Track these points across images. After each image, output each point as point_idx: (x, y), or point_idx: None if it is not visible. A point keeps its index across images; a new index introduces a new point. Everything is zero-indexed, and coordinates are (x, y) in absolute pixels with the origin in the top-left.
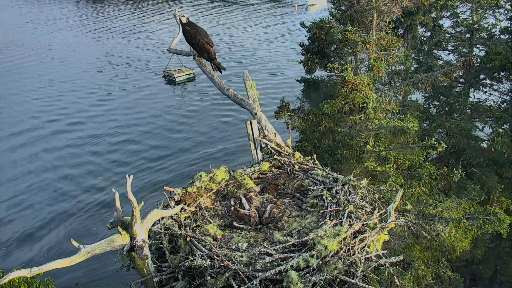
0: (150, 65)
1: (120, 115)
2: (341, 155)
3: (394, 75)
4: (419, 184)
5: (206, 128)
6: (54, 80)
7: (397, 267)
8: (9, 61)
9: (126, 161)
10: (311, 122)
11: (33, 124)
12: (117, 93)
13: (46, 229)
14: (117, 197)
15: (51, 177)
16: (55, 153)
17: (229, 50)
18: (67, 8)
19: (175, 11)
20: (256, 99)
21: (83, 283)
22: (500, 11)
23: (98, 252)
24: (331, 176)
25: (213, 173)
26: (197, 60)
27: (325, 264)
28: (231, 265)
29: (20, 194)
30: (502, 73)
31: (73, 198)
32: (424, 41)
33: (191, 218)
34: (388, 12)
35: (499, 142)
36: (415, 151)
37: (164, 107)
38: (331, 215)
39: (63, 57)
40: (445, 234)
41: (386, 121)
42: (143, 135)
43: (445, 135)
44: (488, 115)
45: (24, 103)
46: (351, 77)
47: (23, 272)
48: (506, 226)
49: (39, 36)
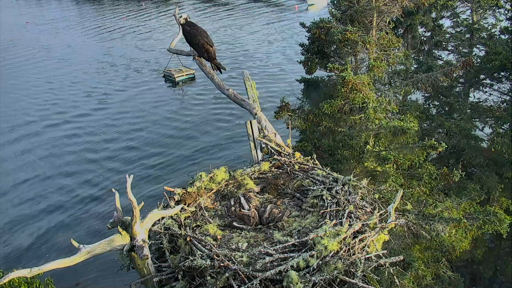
0: (150, 65)
1: (120, 115)
2: (341, 155)
3: (394, 75)
4: (419, 184)
5: (206, 128)
6: (54, 79)
7: (397, 267)
8: (9, 61)
9: (126, 161)
10: (311, 122)
11: (33, 124)
12: (116, 93)
13: (46, 229)
14: (117, 197)
15: (50, 177)
16: (55, 153)
17: (229, 50)
18: (67, 8)
19: (175, 11)
20: (256, 99)
21: (83, 283)
22: (500, 11)
23: (98, 252)
24: (331, 176)
25: (213, 173)
26: (197, 60)
27: (325, 264)
28: (231, 265)
29: (20, 195)
30: (502, 73)
31: (73, 198)
32: (424, 41)
33: (191, 218)
34: (388, 12)
35: (499, 142)
36: (415, 151)
37: (164, 107)
38: (331, 215)
39: (63, 57)
40: (445, 234)
41: (386, 121)
42: (142, 134)
43: (445, 135)
44: (488, 115)
45: (23, 103)
46: (351, 77)
47: (23, 272)
48: (506, 226)
49: (39, 36)
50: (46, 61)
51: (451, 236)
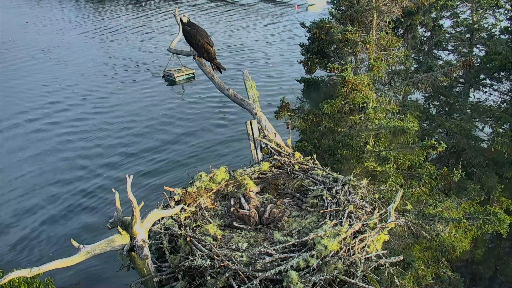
0: (150, 65)
1: (120, 115)
2: (341, 155)
3: (394, 75)
4: (419, 184)
5: (206, 128)
6: (53, 79)
7: (397, 267)
8: (9, 61)
9: (126, 160)
10: (311, 122)
11: (33, 123)
12: (116, 92)
13: (46, 229)
14: (117, 197)
15: (50, 177)
16: (55, 152)
17: (229, 50)
18: (67, 8)
19: (175, 11)
20: (256, 99)
21: (83, 283)
22: (500, 11)
23: (98, 252)
24: (331, 176)
25: (213, 173)
26: (197, 60)
27: (325, 264)
28: (231, 265)
29: (20, 195)
30: (502, 73)
31: (73, 198)
32: (424, 41)
33: (191, 218)
34: (388, 12)
35: (499, 142)
36: (415, 151)
37: (163, 107)
38: (331, 215)
39: (63, 56)
40: (445, 234)
41: (386, 121)
42: (142, 134)
43: (445, 135)
44: (488, 115)
45: (23, 103)
46: (351, 77)
47: (23, 272)
48: (506, 226)
49: (39, 36)
50: (46, 60)
51: (451, 236)
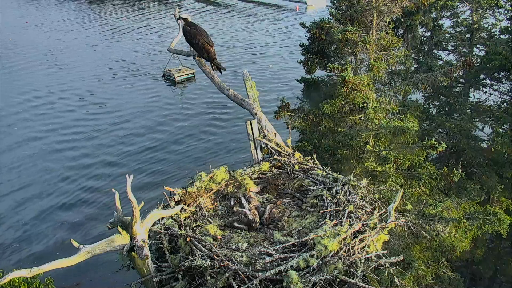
0: (150, 65)
1: (119, 114)
2: (341, 155)
3: (394, 75)
4: (419, 184)
5: (205, 128)
6: (53, 78)
7: (397, 267)
8: (9, 61)
9: (126, 160)
10: (311, 122)
11: (33, 123)
12: (116, 92)
13: (46, 229)
14: (117, 197)
15: (50, 177)
16: (54, 152)
17: (228, 50)
18: (67, 8)
19: (175, 11)
20: (256, 99)
21: (83, 283)
22: (500, 11)
23: (98, 252)
24: (331, 176)
25: (213, 173)
26: (197, 60)
27: (325, 264)
28: (231, 265)
29: (20, 195)
30: (502, 73)
31: (73, 198)
32: (424, 41)
33: (191, 218)
34: (388, 12)
35: (499, 142)
36: (415, 151)
37: (163, 107)
38: (331, 215)
39: (63, 56)
40: (445, 234)
41: (386, 121)
42: (142, 134)
43: (445, 135)
44: (488, 115)
45: (23, 102)
46: (351, 77)
47: (23, 272)
48: (506, 226)
49: (39, 36)
50: (45, 60)
51: (451, 236)
